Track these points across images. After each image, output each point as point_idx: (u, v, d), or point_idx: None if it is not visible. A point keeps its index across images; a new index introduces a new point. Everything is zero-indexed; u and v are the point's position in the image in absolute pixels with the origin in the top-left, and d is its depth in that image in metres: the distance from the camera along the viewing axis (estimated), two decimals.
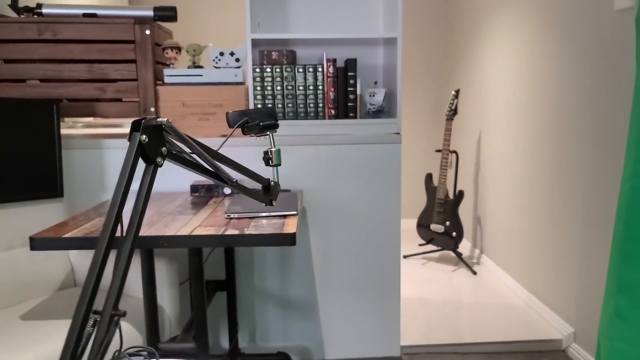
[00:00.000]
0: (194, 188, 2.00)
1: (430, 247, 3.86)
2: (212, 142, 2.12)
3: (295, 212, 1.64)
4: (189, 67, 2.15)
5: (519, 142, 3.00)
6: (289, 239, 1.43)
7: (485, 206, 3.54)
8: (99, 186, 2.14)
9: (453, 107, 3.41)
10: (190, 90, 2.12)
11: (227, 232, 1.44)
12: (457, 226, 3.40)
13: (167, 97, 2.11)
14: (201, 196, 2.00)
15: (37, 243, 1.41)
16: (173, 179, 2.16)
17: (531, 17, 2.83)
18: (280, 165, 1.37)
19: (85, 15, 2.07)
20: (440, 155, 3.67)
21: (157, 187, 2.17)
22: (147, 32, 2.05)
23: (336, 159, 2.20)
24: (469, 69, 3.78)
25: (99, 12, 2.08)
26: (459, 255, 3.50)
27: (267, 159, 1.26)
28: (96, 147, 2.12)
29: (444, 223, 3.44)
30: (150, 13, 2.11)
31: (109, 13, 2.09)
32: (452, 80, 4.16)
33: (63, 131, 2.09)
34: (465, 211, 3.95)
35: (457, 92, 3.41)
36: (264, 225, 1.52)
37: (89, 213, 1.72)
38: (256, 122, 1.22)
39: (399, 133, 2.20)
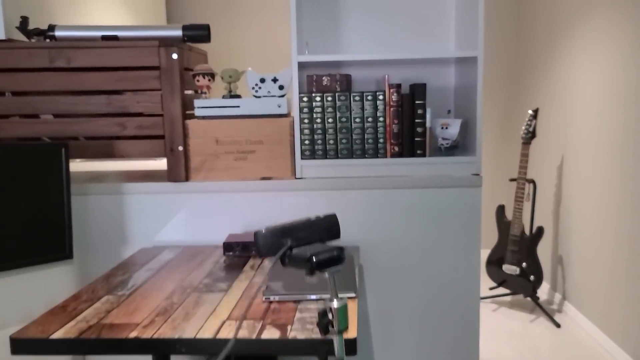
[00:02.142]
0: (228, 246, 1.64)
1: (502, 289, 3.38)
2: (250, 186, 1.76)
3: (353, 295, 1.25)
4: (223, 97, 1.80)
5: (611, 169, 2.50)
6: (348, 348, 1.04)
7: (569, 243, 3.03)
8: (118, 240, 1.82)
9: (531, 129, 2.93)
10: (225, 125, 1.77)
11: (264, 335, 1.07)
12: (536, 268, 2.91)
13: (197, 133, 1.77)
14: (236, 256, 1.64)
15: (19, 346, 1.07)
16: (207, 226, 1.82)
17: (624, 25, 2.33)
18: (347, 329, 0.90)
19: (104, 37, 1.75)
20: (514, 184, 3.19)
21: (188, 237, 1.82)
22: (174, 55, 1.71)
23: (400, 206, 1.79)
24: (547, 85, 3.29)
25: (120, 33, 1.76)
26: (537, 301, 3.01)
27: (324, 324, 0.76)
28: (114, 192, 1.80)
29: (519, 264, 2.96)
30: (179, 33, 1.78)
31: (132, 34, 1.77)
32: (526, 99, 3.66)
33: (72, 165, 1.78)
34: (543, 248, 3.44)
35: (536, 112, 2.93)
36: (313, 317, 1.14)
37: (99, 285, 1.39)
38: (306, 255, 0.74)
39: (479, 174, 1.78)
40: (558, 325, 2.88)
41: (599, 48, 2.65)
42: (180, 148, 1.76)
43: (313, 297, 1.25)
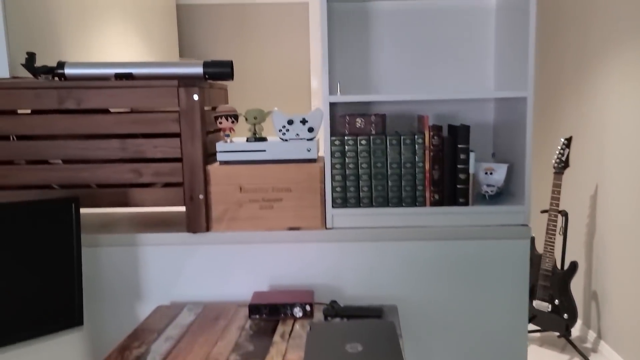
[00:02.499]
0: (255, 309, 1.48)
1: (531, 325, 3.20)
2: (277, 237, 1.61)
3: None
4: (248, 140, 1.65)
5: None
6: None
7: (604, 278, 2.87)
8: (132, 296, 1.66)
9: (563, 159, 2.77)
10: (250, 171, 1.62)
11: None
12: (570, 306, 2.75)
13: (220, 180, 1.62)
14: (263, 319, 1.49)
15: None
16: (229, 280, 1.67)
17: None
18: None
19: (117, 76, 1.61)
20: (545, 216, 3.03)
21: (209, 292, 1.67)
22: (196, 97, 1.57)
23: (441, 259, 1.64)
24: (580, 114, 3.13)
25: (135, 70, 1.62)
26: (570, 340, 2.84)
27: None
28: (127, 243, 1.65)
29: (551, 300, 2.79)
30: (200, 70, 1.63)
31: (148, 72, 1.62)
32: (557, 127, 3.50)
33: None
34: (575, 282, 3.27)
35: (569, 140, 2.77)
36: None
37: None
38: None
39: (527, 225, 1.62)
40: None
41: (635, 77, 2.49)
42: (201, 196, 1.61)
43: None
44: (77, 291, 1.43)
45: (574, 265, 2.75)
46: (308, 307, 1.49)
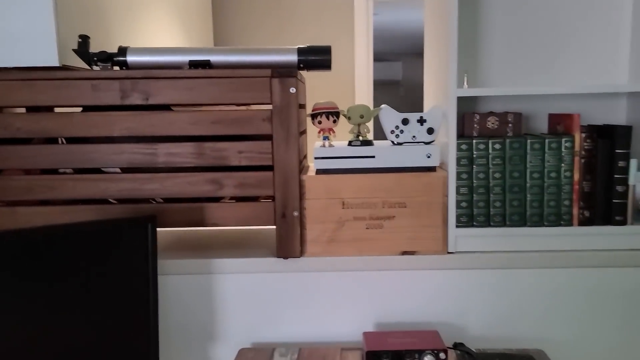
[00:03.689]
0: (373, 356, 1.16)
1: None
2: (388, 264, 1.30)
3: None
4: (351, 144, 1.34)
5: None
6: None
7: None
8: (207, 336, 1.34)
9: None
10: (355, 181, 1.30)
11: None
12: None
13: (317, 193, 1.30)
14: None
15: None
16: (329, 317, 1.35)
17: None
18: None
19: (193, 64, 1.29)
20: None
21: (304, 332, 1.35)
22: (293, 90, 1.25)
23: (592, 291, 1.32)
24: None
25: (214, 58, 1.30)
26: None
27: None
28: (201, 270, 1.33)
29: None
30: (293, 58, 1.32)
31: (231, 60, 1.30)
32: None
33: None
34: None
35: None
36: None
37: None
38: None
39: None
40: None
41: None
42: (296, 213, 1.29)
43: None
44: (152, 334, 1.11)
45: None
46: (443, 355, 1.17)
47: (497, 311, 1.34)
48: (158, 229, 1.34)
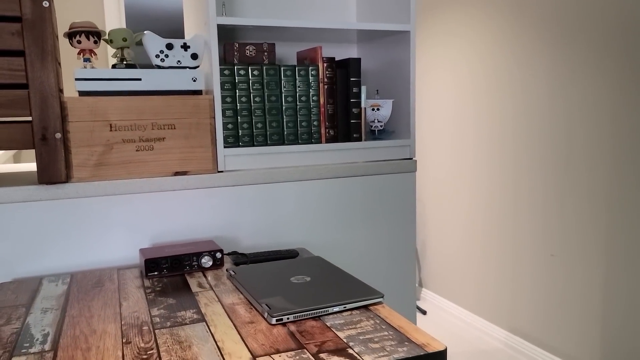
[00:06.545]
0: (152, 264, 1.19)
1: None
2: (160, 185, 1.35)
3: (380, 299, 0.99)
4: (115, 66, 1.34)
5: (462, 159, 2.68)
6: None
7: (424, 234, 3.17)
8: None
9: None
10: (122, 103, 1.31)
11: None
12: None
13: (82, 114, 1.27)
14: (164, 275, 1.21)
15: None
16: (101, 242, 1.31)
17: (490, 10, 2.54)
18: None
19: None
20: None
21: (74, 260, 1.29)
22: (46, 4, 1.20)
23: (339, 197, 1.57)
24: None
25: None
26: None
27: None
28: None
29: None
30: None
31: None
32: None
33: None
34: None
35: None
36: (368, 339, 0.85)
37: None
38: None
39: (413, 159, 1.66)
40: (424, 312, 2.97)
41: (460, 35, 2.83)
42: (58, 135, 1.24)
43: (336, 308, 0.95)
44: None
45: None
46: (219, 255, 1.26)
47: (265, 221, 1.49)
48: None
